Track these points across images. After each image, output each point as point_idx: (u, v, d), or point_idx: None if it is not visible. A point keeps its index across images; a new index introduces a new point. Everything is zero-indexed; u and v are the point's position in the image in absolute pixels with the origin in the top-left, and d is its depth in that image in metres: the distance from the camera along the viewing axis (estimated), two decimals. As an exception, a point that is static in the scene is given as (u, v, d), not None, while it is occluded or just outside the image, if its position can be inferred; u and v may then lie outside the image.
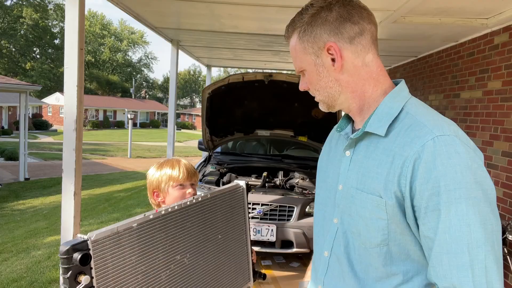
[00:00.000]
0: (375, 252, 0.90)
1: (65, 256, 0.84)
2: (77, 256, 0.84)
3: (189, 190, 1.63)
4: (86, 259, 0.86)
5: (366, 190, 0.91)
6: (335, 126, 1.13)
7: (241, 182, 1.33)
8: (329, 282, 1.01)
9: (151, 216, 1.01)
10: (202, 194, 1.20)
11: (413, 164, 0.83)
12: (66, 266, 0.85)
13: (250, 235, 1.36)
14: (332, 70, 0.95)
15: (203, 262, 1.15)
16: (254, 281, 1.40)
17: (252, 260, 1.40)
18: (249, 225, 1.37)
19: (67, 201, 2.39)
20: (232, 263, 1.27)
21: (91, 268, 0.88)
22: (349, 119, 1.08)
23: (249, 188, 1.35)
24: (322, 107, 1.03)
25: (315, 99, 1.03)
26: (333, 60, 0.94)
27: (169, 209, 1.07)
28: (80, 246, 0.86)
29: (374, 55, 0.96)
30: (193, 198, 1.17)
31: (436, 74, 4.78)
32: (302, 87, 1.04)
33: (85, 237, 0.88)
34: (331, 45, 0.93)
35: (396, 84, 0.98)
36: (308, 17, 0.95)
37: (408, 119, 0.90)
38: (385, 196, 0.87)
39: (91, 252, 0.87)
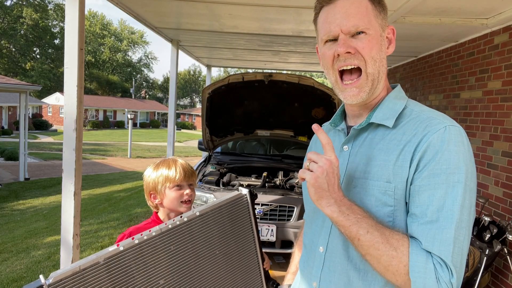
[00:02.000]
0: None
1: None
2: None
3: (187, 191, 1.56)
4: None
5: (372, 177, 0.92)
6: (326, 123, 1.14)
7: (244, 190, 1.19)
8: (326, 277, 1.00)
9: (121, 248, 0.94)
10: (190, 213, 1.07)
11: (426, 147, 0.86)
12: None
13: (260, 243, 1.25)
14: (385, 51, 0.97)
15: (197, 281, 1.08)
16: None
17: (264, 268, 1.31)
18: (258, 233, 1.24)
19: (67, 201, 2.39)
20: (238, 274, 1.19)
21: None
22: (342, 116, 1.10)
23: (254, 195, 1.21)
24: (362, 86, 0.94)
25: (363, 72, 0.93)
26: (388, 42, 0.99)
27: (145, 237, 0.98)
28: None
29: None
30: (180, 217, 1.05)
31: (436, 74, 4.78)
32: (346, 47, 0.90)
33: (43, 280, 0.84)
34: (392, 28, 0.99)
35: (392, 86, 1.04)
36: None
37: (414, 114, 0.94)
38: (395, 181, 0.89)
39: None
